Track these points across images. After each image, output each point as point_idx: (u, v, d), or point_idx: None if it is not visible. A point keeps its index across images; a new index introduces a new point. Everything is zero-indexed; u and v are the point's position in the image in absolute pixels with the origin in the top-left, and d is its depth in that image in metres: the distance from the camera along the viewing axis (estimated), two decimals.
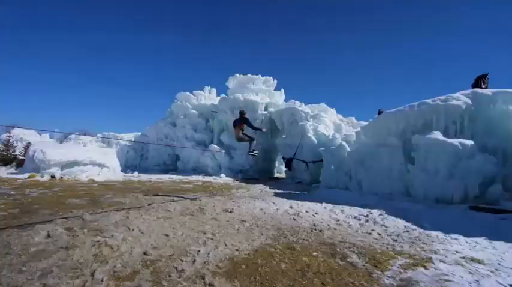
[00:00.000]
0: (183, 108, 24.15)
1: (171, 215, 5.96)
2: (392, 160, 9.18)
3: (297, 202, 8.63)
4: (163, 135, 26.96)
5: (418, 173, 8.25)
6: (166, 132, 26.52)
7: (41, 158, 11.08)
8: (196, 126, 23.70)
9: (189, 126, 23.62)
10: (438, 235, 5.30)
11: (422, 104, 8.93)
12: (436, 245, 4.63)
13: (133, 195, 8.13)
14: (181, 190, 10.59)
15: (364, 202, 8.87)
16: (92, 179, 12.10)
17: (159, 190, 10.11)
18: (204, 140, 22.89)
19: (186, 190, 10.72)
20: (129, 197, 7.77)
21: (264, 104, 20.49)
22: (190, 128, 23.54)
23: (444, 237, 5.16)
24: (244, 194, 10.56)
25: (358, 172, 10.62)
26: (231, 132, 21.42)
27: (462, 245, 4.73)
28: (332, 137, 14.13)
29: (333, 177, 12.05)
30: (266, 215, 6.53)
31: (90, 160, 12.34)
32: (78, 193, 8.01)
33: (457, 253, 4.24)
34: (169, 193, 9.36)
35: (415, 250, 4.38)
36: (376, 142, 10.07)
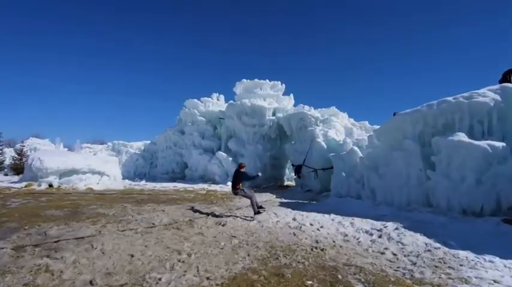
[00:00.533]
0: (191, 116, 23.79)
1: (153, 228, 5.27)
2: (409, 165, 8.18)
3: (302, 213, 7.80)
4: (171, 143, 26.69)
5: (439, 180, 7.23)
6: (174, 140, 26.23)
7: (39, 167, 10.78)
8: (204, 133, 23.23)
9: (196, 133, 23.18)
10: (468, 255, 4.33)
11: (443, 102, 7.94)
12: (466, 271, 3.69)
13: (121, 206, 7.54)
14: (180, 199, 9.96)
15: (377, 213, 7.92)
16: (91, 187, 11.69)
17: (155, 200, 9.51)
18: (212, 147, 22.35)
19: (186, 200, 10.09)
20: (116, 208, 7.18)
21: (272, 109, 19.82)
22: (198, 135, 23.08)
23: (475, 259, 4.19)
24: (245, 204, 9.78)
25: (371, 179, 9.66)
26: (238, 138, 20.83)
27: (500, 270, 3.76)
28: (343, 142, 13.19)
29: (344, 185, 11.09)
30: (262, 230, 5.73)
31: (90, 168, 11.96)
32: (63, 203, 7.52)
33: (495, 284, 3.29)
34: (167, 203, 8.74)
35: (440, 277, 3.46)
36: (391, 146, 9.10)
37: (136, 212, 6.76)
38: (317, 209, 8.72)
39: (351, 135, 14.61)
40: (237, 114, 19.53)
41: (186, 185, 18.20)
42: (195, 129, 23.36)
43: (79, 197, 8.99)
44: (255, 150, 19.38)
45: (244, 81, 21.20)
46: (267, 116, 19.52)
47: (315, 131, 15.02)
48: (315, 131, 15.07)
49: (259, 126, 19.56)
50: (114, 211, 6.62)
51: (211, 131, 22.95)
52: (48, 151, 13.29)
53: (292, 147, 17.50)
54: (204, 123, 23.08)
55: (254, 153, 19.42)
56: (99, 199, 8.80)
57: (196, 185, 18.03)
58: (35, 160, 11.00)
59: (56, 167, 11.01)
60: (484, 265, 3.94)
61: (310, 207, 9.58)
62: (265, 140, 20.01)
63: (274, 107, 19.99)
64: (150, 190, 13.24)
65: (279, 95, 20.91)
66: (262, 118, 19.52)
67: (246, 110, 19.29)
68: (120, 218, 5.96)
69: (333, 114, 17.22)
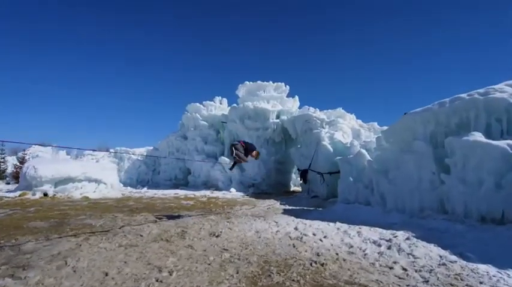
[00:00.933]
0: (193, 120, 23.67)
1: (140, 241, 4.98)
2: (421, 168, 7.74)
3: (305, 222, 7.44)
4: (174, 149, 26.56)
5: (454, 184, 6.77)
6: (177, 145, 26.11)
7: (33, 175, 10.67)
8: (207, 138, 23.04)
9: (199, 138, 23.00)
10: (488, 270, 3.90)
11: (456, 100, 7.49)
12: None
13: (112, 216, 7.30)
14: (176, 208, 9.70)
15: (387, 220, 7.52)
16: (86, 196, 11.54)
17: (150, 209, 9.26)
18: (215, 152, 22.10)
19: (183, 208, 9.82)
20: (106, 218, 6.93)
21: (276, 111, 19.54)
22: (201, 140, 22.90)
23: (497, 274, 3.76)
24: (246, 211, 9.46)
25: (381, 184, 9.23)
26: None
27: None
28: (350, 145, 12.77)
29: (352, 190, 10.70)
30: (259, 241, 5.38)
31: (86, 176, 11.82)
32: (52, 213, 7.32)
33: None
34: (162, 212, 8.48)
35: None
36: (401, 148, 8.68)
37: (126, 222, 6.50)
38: (322, 217, 8.38)
39: (358, 138, 14.18)
40: (240, 117, 19.29)
41: (188, 192, 17.99)
42: (198, 134, 23.20)
43: (71, 206, 8.80)
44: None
45: (247, 84, 20.98)
46: (270, 119, 19.25)
47: (320, 134, 14.64)
48: (320, 133, 14.69)
49: (263, 129, 19.27)
50: (102, 222, 6.37)
51: (214, 136, 22.75)
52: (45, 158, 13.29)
53: (298, 151, 17.14)
54: (206, 128, 22.91)
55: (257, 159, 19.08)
56: (91, 209, 8.60)
57: (199, 191, 17.79)
58: (29, 168, 10.91)
59: (51, 176, 10.89)
60: (507, 283, 3.51)
61: (315, 214, 9.22)
62: (270, 144, 19.70)
63: (278, 109, 19.71)
64: (149, 198, 13.02)
65: (283, 97, 20.61)
66: (266, 121, 19.24)
67: (248, 113, 19.05)
68: (106, 230, 5.70)
69: (340, 116, 16.83)
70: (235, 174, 19.30)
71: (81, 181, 11.76)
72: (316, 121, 16.18)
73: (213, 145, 22.15)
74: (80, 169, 11.62)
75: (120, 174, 28.81)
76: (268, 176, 19.54)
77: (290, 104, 20.45)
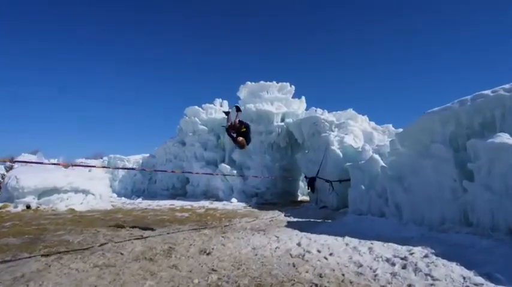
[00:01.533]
0: (192, 125, 23.58)
1: (119, 260, 4.74)
2: (440, 174, 7.40)
3: (310, 236, 7.17)
4: (172, 156, 26.51)
5: (479, 192, 6.41)
6: (174, 152, 26.06)
7: (14, 186, 10.60)
8: (206, 143, 22.90)
9: (198, 144, 22.87)
10: None
11: (478, 97, 7.15)
12: None
13: (95, 231, 7.11)
14: (169, 221, 9.49)
15: (403, 234, 7.20)
16: (72, 208, 11.41)
17: (140, 222, 9.08)
18: (215, 159, 21.93)
19: (176, 221, 9.61)
20: (87, 233, 6.75)
21: (280, 114, 19.37)
22: (200, 146, 22.77)
23: None
24: (246, 225, 9.21)
25: (396, 193, 8.93)
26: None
27: None
28: (361, 149, 12.46)
29: (364, 200, 10.42)
30: (255, 259, 5.10)
31: (72, 187, 11.72)
32: (28, 229, 7.16)
33: None
34: (151, 226, 8.27)
35: None
36: (417, 152, 8.36)
37: (109, 238, 6.29)
38: (330, 231, 8.10)
39: (370, 141, 13.87)
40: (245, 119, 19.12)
41: (185, 202, 17.86)
42: (197, 140, 23.07)
43: (52, 220, 8.66)
44: (262, 161, 18.85)
45: (248, 84, 20.84)
46: (274, 122, 19.08)
47: (329, 138, 14.38)
48: (329, 137, 14.42)
49: (267, 133, 19.07)
50: (81, 238, 6.18)
51: (214, 141, 22.57)
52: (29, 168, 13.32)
53: (305, 156, 16.87)
54: (206, 133, 22.77)
55: (262, 164, 18.88)
56: (74, 223, 8.44)
57: (197, 202, 17.62)
58: (11, 178, 10.85)
59: (34, 186, 10.80)
60: None
61: (322, 228, 8.94)
62: (274, 149, 19.49)
63: (282, 111, 19.53)
64: (141, 210, 12.85)
65: (288, 98, 20.42)
66: (270, 125, 19.07)
67: (251, 116, 18.86)
68: (84, 247, 5.49)
69: (351, 118, 16.54)
70: (237, 183, 19.08)
71: (67, 192, 11.65)
72: (324, 124, 15.93)
73: (213, 151, 21.99)
74: (65, 179, 11.51)
75: (114, 183, 28.90)
76: (273, 185, 19.27)
77: (296, 106, 20.23)
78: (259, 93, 20.24)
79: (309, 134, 16.75)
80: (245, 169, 19.41)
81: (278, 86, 20.58)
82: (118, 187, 28.54)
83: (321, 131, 15.75)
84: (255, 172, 18.57)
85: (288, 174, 19.63)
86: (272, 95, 20.26)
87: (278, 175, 18.97)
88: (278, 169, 19.17)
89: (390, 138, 13.51)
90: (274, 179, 19.07)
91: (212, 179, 20.54)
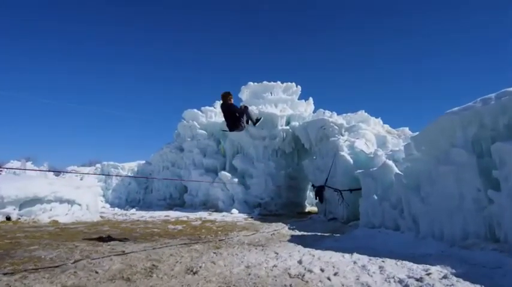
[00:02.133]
0: (190, 129, 23.52)
1: (91, 280, 4.50)
2: (462, 183, 7.05)
3: (314, 252, 6.88)
4: (169, 163, 26.46)
5: (507, 203, 6.05)
6: (172, 158, 26.02)
7: None
8: (206, 149, 22.78)
9: (197, 150, 22.77)
10: None
11: (504, 95, 6.79)
12: None
13: (73, 245, 6.90)
14: (159, 234, 9.29)
15: (420, 250, 6.91)
16: (56, 220, 11.27)
17: (127, 235, 8.89)
18: (215, 166, 21.78)
19: (167, 234, 9.42)
20: (63, 248, 6.54)
21: (285, 117, 19.22)
22: (199, 152, 22.66)
23: None
24: (243, 239, 8.93)
25: (412, 204, 8.66)
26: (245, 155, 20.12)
27: None
28: (373, 155, 12.16)
29: (377, 211, 10.20)
30: (247, 280, 4.81)
31: (56, 196, 11.57)
32: (0, 242, 6.98)
33: None
34: (138, 240, 8.06)
35: None
36: (436, 158, 8.04)
37: (86, 254, 6.07)
38: (337, 246, 7.83)
39: (384, 146, 13.57)
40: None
41: (182, 213, 17.69)
42: (195, 145, 22.97)
43: (30, 233, 8.49)
44: (266, 168, 18.64)
45: (250, 85, 20.75)
46: (279, 126, 18.93)
47: (338, 142, 14.12)
48: (338, 142, 14.16)
49: (270, 138, 18.88)
50: (55, 254, 5.97)
51: (214, 147, 22.45)
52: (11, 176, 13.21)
53: (312, 163, 16.66)
54: (205, 138, 22.65)
55: (265, 172, 18.67)
56: (52, 236, 8.27)
57: (194, 213, 17.41)
58: None
59: (14, 196, 10.67)
60: None
61: (328, 242, 8.70)
62: (279, 155, 19.32)
63: (288, 114, 19.40)
64: (131, 222, 12.67)
65: (293, 99, 20.30)
66: (274, 129, 18.91)
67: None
68: (55, 264, 5.26)
69: (362, 120, 16.31)
70: (238, 192, 18.86)
71: (50, 202, 11.52)
72: (333, 127, 15.70)
73: (213, 158, 21.85)
74: (48, 188, 11.37)
75: (107, 193, 28.94)
76: (278, 194, 19.01)
77: (302, 108, 20.07)
78: (262, 95, 20.16)
79: (317, 139, 16.54)
80: (247, 177, 19.21)
81: (283, 87, 20.46)
82: (111, 196, 28.52)
83: (329, 135, 15.53)
84: (258, 181, 18.40)
85: (294, 183, 19.39)
86: (276, 96, 20.17)
87: (283, 183, 18.73)
88: (283, 177, 18.94)
89: (406, 142, 13.21)
90: (279, 188, 18.81)
91: (212, 188, 20.35)
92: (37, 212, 11.25)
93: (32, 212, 11.20)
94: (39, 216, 11.20)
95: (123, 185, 28.70)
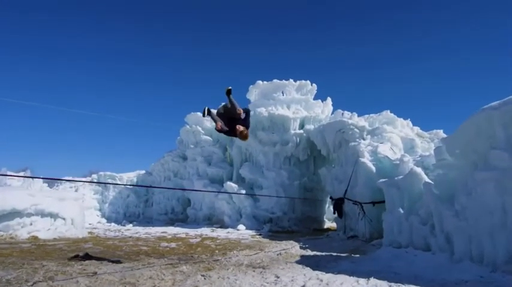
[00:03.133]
0: (194, 135, 23.47)
1: None
2: (504, 193, 6.54)
3: (323, 277, 6.50)
4: (171, 173, 26.48)
5: None
6: (174, 168, 26.03)
7: None
8: (211, 157, 22.65)
9: (200, 158, 22.67)
10: None
11: None
12: None
13: (39, 265, 6.64)
14: (146, 253, 9.08)
15: (455, 275, 6.53)
16: (36, 236, 11.18)
17: (109, 254, 8.69)
18: (221, 175, 21.61)
19: (156, 253, 9.23)
20: (27, 268, 6.28)
21: (299, 119, 18.92)
22: (203, 160, 22.55)
23: None
24: (243, 259, 8.54)
25: (445, 218, 8.30)
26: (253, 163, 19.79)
27: None
28: (399, 161, 11.62)
29: (403, 228, 9.93)
30: None
31: (37, 209, 11.49)
32: None
33: None
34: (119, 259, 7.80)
35: None
36: (472, 163, 7.57)
37: (51, 275, 5.79)
38: (352, 269, 7.47)
39: (412, 151, 13.02)
40: (251, 129, 18.68)
41: (182, 229, 17.55)
42: (199, 153, 22.87)
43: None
44: (277, 178, 18.30)
45: (259, 84, 20.55)
46: (292, 130, 18.63)
47: (358, 147, 13.65)
48: (358, 146, 13.70)
49: (282, 144, 18.62)
50: (15, 274, 5.70)
51: (219, 155, 22.24)
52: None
53: (330, 172, 16.26)
54: (210, 145, 22.51)
55: (276, 182, 18.32)
56: (23, 254, 8.10)
57: (196, 229, 17.20)
58: None
59: None
60: None
61: (343, 265, 8.28)
62: (292, 163, 19.03)
63: (301, 116, 19.14)
64: (120, 239, 12.54)
65: (308, 99, 20.00)
66: (286, 133, 18.64)
67: (262, 123, 18.43)
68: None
69: (387, 122, 15.83)
70: (246, 205, 18.51)
71: (30, 216, 11.44)
72: (353, 130, 15.36)
73: (218, 167, 21.68)
74: (28, 200, 11.29)
75: (103, 206, 29.12)
76: (291, 208, 18.60)
77: (319, 109, 19.73)
78: (272, 95, 19.94)
79: (335, 144, 16.23)
80: (256, 189, 18.85)
81: (296, 85, 20.20)
82: (108, 210, 28.70)
83: (349, 140, 15.18)
84: (268, 192, 17.95)
85: (310, 194, 18.96)
86: (289, 96, 19.87)
87: (297, 195, 18.24)
88: (297, 188, 18.55)
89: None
90: (293, 201, 18.35)
91: (217, 201, 20.09)
92: (15, 227, 11.17)
93: (10, 227, 11.13)
94: (17, 231, 11.11)
95: (121, 197, 28.82)
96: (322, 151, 17.36)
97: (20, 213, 11.30)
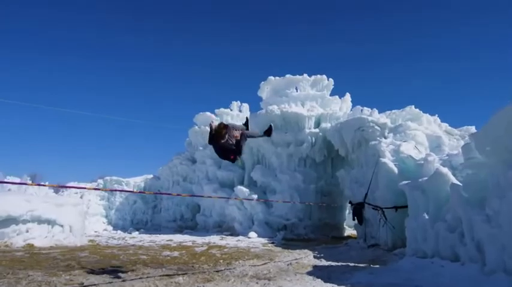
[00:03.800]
0: (203, 136, 23.38)
1: None
2: None
3: None
4: (180, 177, 26.63)
5: None
6: (183, 172, 26.15)
7: None
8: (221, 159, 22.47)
9: (210, 160, 22.61)
10: None
11: None
12: None
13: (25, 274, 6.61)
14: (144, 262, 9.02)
15: None
16: (31, 244, 11.25)
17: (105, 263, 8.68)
18: (231, 179, 21.52)
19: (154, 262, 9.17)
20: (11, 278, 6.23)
21: (314, 117, 18.66)
22: (212, 163, 22.48)
23: None
24: (248, 270, 8.35)
25: (475, 225, 7.93)
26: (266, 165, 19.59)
27: None
28: (424, 161, 11.23)
29: (429, 236, 9.55)
30: None
31: (33, 216, 11.56)
32: None
33: None
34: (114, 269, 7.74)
35: None
36: (504, 161, 7.19)
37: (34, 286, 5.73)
38: (370, 281, 7.39)
39: (439, 149, 12.57)
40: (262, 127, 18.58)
41: (190, 237, 17.56)
42: (209, 155, 22.78)
43: None
44: (291, 181, 18.10)
45: (271, 80, 20.39)
46: (307, 129, 18.39)
47: (379, 146, 13.29)
48: (379, 146, 13.35)
49: (296, 144, 18.42)
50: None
51: None
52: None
53: (349, 174, 15.92)
54: None
55: (291, 186, 18.11)
56: (12, 263, 8.14)
57: (204, 237, 17.13)
58: None
59: None
60: None
61: (360, 276, 8.10)
62: (308, 165, 18.81)
63: (317, 114, 18.88)
64: (121, 247, 12.52)
65: (324, 95, 19.74)
66: (300, 132, 18.41)
67: (274, 122, 18.14)
68: None
69: (412, 118, 15.43)
70: (258, 211, 18.37)
71: (26, 222, 11.54)
72: (373, 128, 15.02)
73: (229, 170, 21.61)
74: (24, 206, 11.39)
75: (110, 213, 29.42)
76: (308, 215, 18.34)
77: (336, 106, 19.47)
78: (285, 91, 19.78)
79: (354, 143, 15.93)
80: (269, 193, 18.64)
81: (311, 80, 19.99)
82: (115, 217, 28.96)
83: (369, 139, 14.81)
84: (282, 197, 17.75)
85: (327, 199, 18.65)
86: (303, 92, 19.66)
87: (314, 200, 17.96)
88: (314, 192, 18.30)
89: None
90: (309, 207, 18.06)
91: (227, 207, 20.03)
92: (10, 234, 11.28)
93: (5, 235, 11.24)
94: (12, 239, 11.22)
95: (128, 204, 29.08)
96: (340, 151, 17.05)
97: (16, 219, 11.40)
